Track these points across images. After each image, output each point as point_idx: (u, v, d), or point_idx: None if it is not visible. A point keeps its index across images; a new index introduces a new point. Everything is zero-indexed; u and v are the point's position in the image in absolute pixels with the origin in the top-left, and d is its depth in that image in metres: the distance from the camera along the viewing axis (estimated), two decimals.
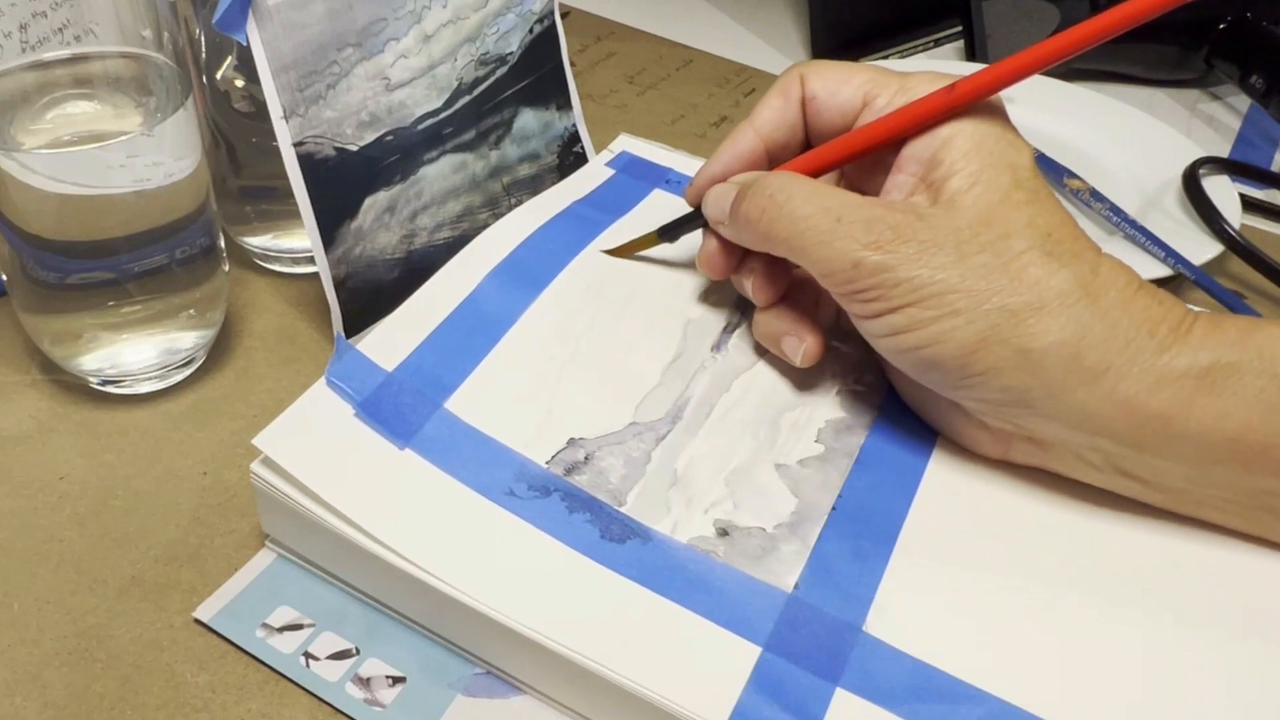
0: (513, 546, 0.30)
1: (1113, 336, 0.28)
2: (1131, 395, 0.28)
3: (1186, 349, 0.28)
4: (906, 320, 0.30)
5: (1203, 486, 0.30)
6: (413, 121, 0.40)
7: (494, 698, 0.30)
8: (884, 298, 0.30)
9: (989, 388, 0.30)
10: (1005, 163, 0.30)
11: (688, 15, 0.70)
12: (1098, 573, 0.31)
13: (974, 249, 0.29)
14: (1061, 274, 0.29)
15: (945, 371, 0.30)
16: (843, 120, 0.34)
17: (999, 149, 0.30)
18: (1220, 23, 0.59)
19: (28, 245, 0.35)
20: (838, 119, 0.34)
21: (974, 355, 0.29)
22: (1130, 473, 0.31)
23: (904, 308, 0.30)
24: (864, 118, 0.33)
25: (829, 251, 0.30)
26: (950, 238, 0.29)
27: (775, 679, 0.27)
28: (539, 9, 0.45)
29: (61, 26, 0.33)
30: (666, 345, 0.37)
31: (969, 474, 0.33)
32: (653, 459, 0.33)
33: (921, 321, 0.29)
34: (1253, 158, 0.58)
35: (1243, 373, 0.28)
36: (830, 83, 0.34)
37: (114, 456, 0.37)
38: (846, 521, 0.31)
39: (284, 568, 0.33)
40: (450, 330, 0.36)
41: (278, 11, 0.35)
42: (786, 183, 0.32)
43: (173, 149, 0.35)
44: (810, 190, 0.31)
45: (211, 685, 0.30)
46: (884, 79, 0.33)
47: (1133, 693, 0.28)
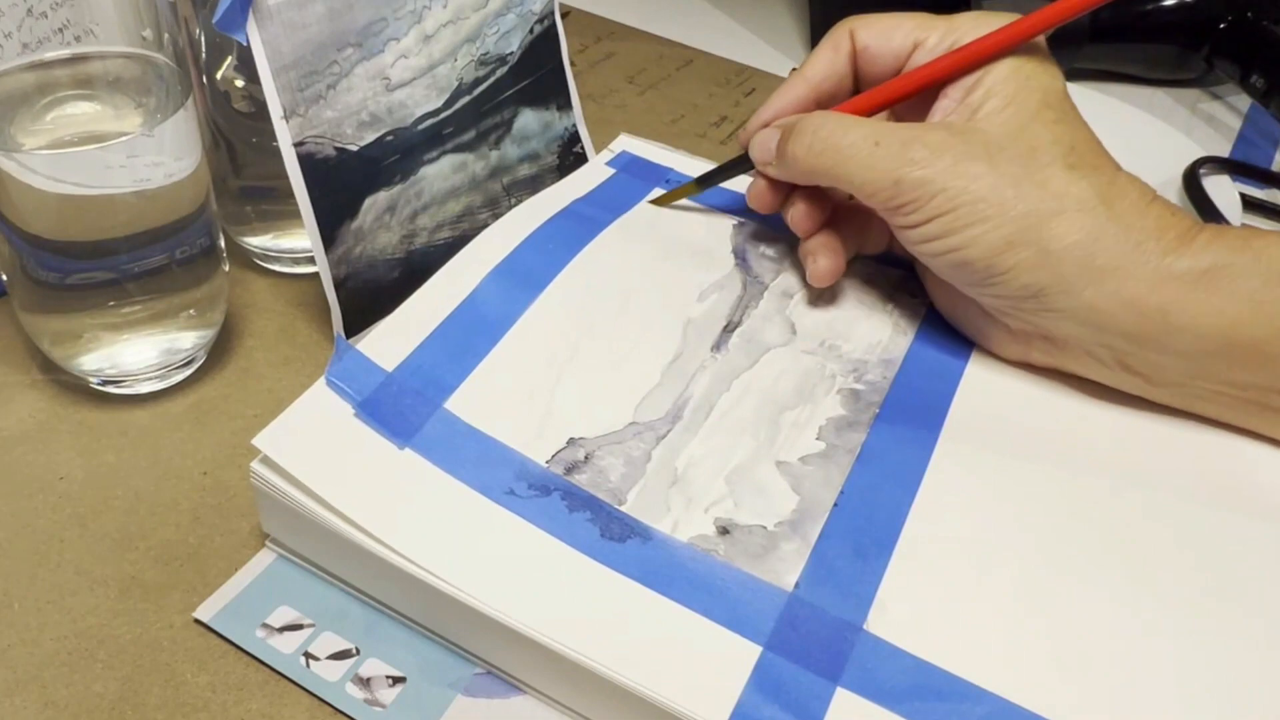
0: (513, 546, 0.30)
1: (1123, 240, 0.31)
2: (1136, 293, 0.31)
3: (1189, 252, 0.31)
4: (940, 228, 0.33)
5: (1198, 379, 0.33)
6: (413, 121, 0.40)
7: (494, 698, 0.30)
8: (923, 209, 0.33)
9: (1010, 285, 0.33)
10: (1038, 85, 0.33)
11: (688, 15, 0.70)
12: (1100, 572, 0.31)
13: (1003, 160, 0.32)
14: (1081, 183, 0.32)
15: (973, 270, 0.33)
16: (895, 64, 0.37)
17: (1034, 74, 0.33)
18: (1220, 23, 0.59)
19: (28, 245, 0.35)
20: (891, 63, 0.37)
21: (1000, 256, 0.32)
22: (1133, 368, 0.34)
23: (939, 216, 0.33)
24: (916, 58, 0.36)
25: (871, 174, 0.33)
26: (982, 150, 0.32)
27: (776, 678, 0.27)
28: (539, 9, 0.45)
29: (61, 26, 0.33)
30: (666, 345, 0.37)
31: (971, 471, 0.33)
32: (653, 458, 0.33)
33: (955, 228, 0.32)
34: (1253, 157, 0.58)
35: (1237, 273, 0.31)
36: (881, 32, 0.37)
37: (114, 456, 0.37)
38: (848, 519, 0.31)
39: (284, 568, 0.33)
40: (450, 330, 0.36)
41: (278, 11, 0.35)
42: (827, 119, 0.35)
43: (173, 149, 0.35)
44: (849, 121, 0.34)
45: (211, 685, 0.30)
46: (931, 22, 0.36)
47: (1134, 692, 0.28)
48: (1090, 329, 0.33)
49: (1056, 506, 0.32)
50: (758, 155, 0.38)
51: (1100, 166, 0.33)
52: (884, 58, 0.37)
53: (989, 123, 0.33)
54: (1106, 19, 0.61)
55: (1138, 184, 0.33)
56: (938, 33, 0.35)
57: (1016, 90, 0.33)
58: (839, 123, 0.35)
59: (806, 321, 0.38)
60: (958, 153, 0.32)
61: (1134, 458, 0.34)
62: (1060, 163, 0.32)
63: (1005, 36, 0.34)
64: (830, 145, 0.34)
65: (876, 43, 0.37)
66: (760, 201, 0.39)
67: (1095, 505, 0.32)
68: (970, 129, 0.33)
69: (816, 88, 0.38)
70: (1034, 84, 0.33)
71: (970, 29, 0.35)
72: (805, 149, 0.35)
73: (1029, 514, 0.32)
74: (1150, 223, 0.32)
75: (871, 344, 0.37)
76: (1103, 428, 0.35)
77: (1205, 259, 0.31)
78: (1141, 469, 0.34)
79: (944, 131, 0.33)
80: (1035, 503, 0.32)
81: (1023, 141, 0.32)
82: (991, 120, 0.33)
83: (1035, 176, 0.32)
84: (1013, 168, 0.32)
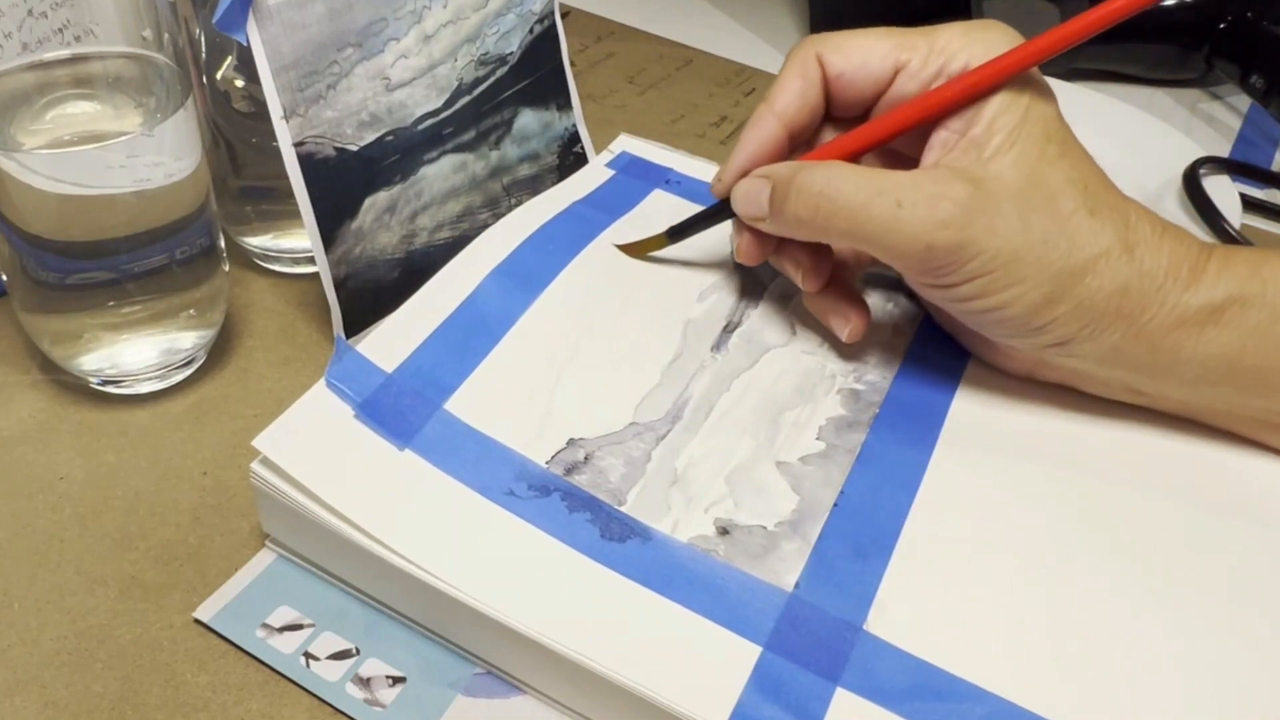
0: (513, 546, 0.30)
1: (1147, 284, 0.31)
2: (1154, 332, 0.31)
3: (1203, 286, 0.31)
4: (976, 289, 0.31)
5: (1203, 401, 0.34)
6: (413, 121, 0.40)
7: (494, 698, 0.30)
8: (958, 272, 0.31)
9: (1044, 338, 0.32)
10: (1038, 116, 0.31)
11: (688, 15, 0.70)
12: (1100, 572, 0.31)
13: (1031, 213, 0.31)
14: (1105, 232, 0.31)
15: (1009, 326, 0.32)
16: (874, 90, 0.34)
17: (1032, 102, 0.32)
18: (1220, 23, 0.59)
19: (28, 245, 0.35)
20: (869, 90, 0.34)
21: (1038, 313, 0.31)
22: (1141, 391, 0.34)
23: (976, 279, 0.31)
24: (900, 84, 0.33)
25: (897, 238, 0.31)
26: (1011, 205, 0.31)
27: (776, 678, 0.27)
28: (539, 9, 0.45)
29: (61, 26, 0.33)
30: (666, 345, 0.37)
31: (971, 471, 0.33)
32: (653, 458, 0.33)
33: (992, 289, 0.31)
34: (1253, 157, 0.58)
35: (1247, 304, 0.31)
36: (855, 56, 0.34)
37: (114, 456, 0.37)
38: (848, 519, 0.31)
39: (284, 568, 0.33)
40: (450, 331, 0.36)
41: (278, 11, 0.35)
42: (831, 176, 0.32)
43: (173, 149, 0.35)
44: (858, 178, 0.32)
45: (211, 685, 0.30)
46: (910, 41, 0.33)
47: (1134, 692, 0.28)
48: (1106, 365, 0.33)
49: (1056, 507, 0.32)
50: (746, 210, 0.35)
51: (1114, 204, 0.32)
52: (861, 84, 0.34)
53: (1001, 166, 0.31)
54: None
55: (1146, 216, 0.32)
56: (920, 54, 0.33)
57: (1019, 124, 0.31)
58: (849, 180, 0.32)
59: (807, 322, 0.38)
60: (989, 211, 0.30)
61: (1134, 458, 0.34)
62: (1082, 208, 0.31)
63: (1010, 63, 0.31)
64: (844, 207, 0.31)
65: (853, 69, 0.34)
66: (750, 258, 0.36)
67: (1095, 505, 0.32)
68: (989, 178, 0.31)
69: (789, 123, 0.35)
70: (1034, 114, 0.31)
71: (960, 47, 0.32)
72: (812, 210, 0.32)
73: (1029, 514, 0.32)
74: (1165, 259, 0.31)
75: (871, 344, 0.37)
76: (1103, 428, 0.35)
77: (1218, 292, 0.31)
78: (1142, 469, 0.34)
79: (967, 185, 0.31)
80: (1035, 503, 0.32)
81: (1042, 188, 0.31)
82: (1002, 162, 0.31)
83: (1065, 229, 0.31)
84: (1041, 221, 0.31)
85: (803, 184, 0.32)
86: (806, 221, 0.32)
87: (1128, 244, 0.31)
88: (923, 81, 0.33)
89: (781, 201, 0.33)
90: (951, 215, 0.30)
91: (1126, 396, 0.35)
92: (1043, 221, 0.30)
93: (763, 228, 0.34)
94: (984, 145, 0.31)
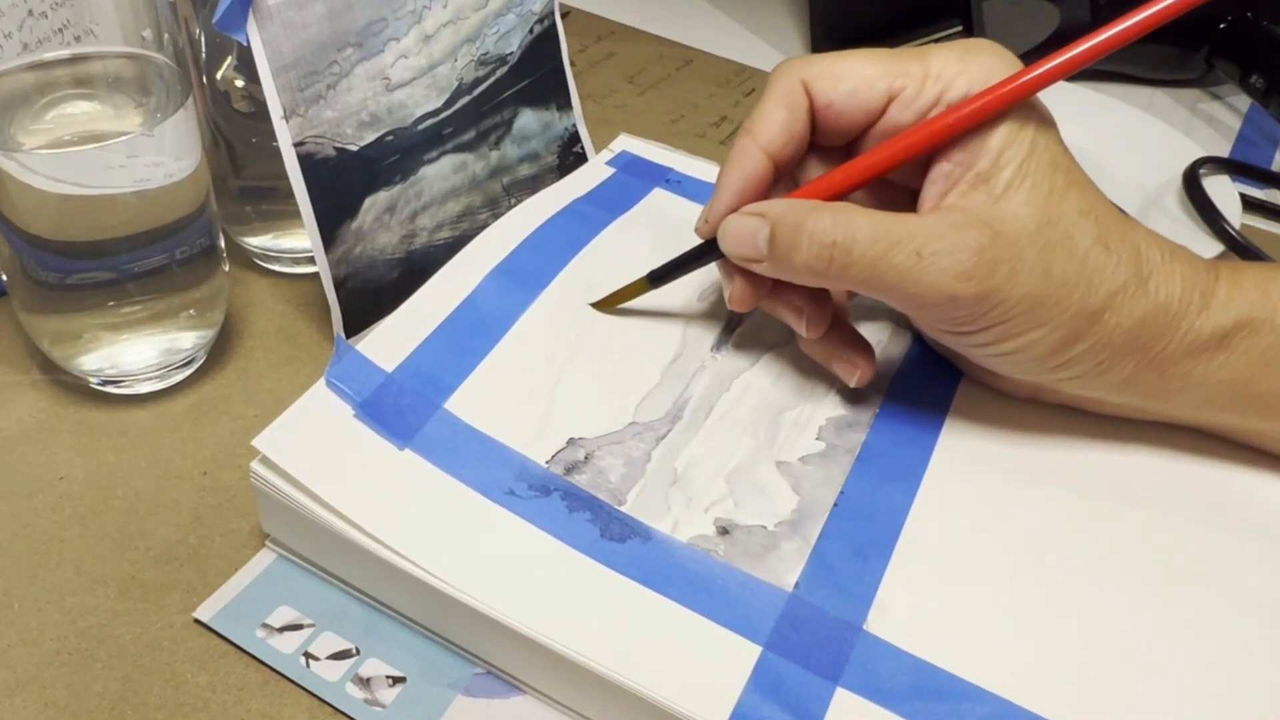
0: (513, 546, 0.30)
1: (1163, 315, 0.31)
2: (1166, 360, 0.31)
3: (1213, 311, 0.31)
4: (995, 335, 0.31)
5: (1210, 422, 0.34)
6: (413, 121, 0.40)
7: (494, 698, 0.30)
8: (977, 321, 0.30)
9: (1062, 375, 0.32)
10: (1044, 144, 0.30)
11: (688, 15, 0.70)
12: (1100, 571, 0.31)
13: (1050, 256, 0.29)
14: (1121, 267, 0.30)
15: (1024, 367, 0.32)
16: (866, 119, 0.32)
17: (1037, 130, 0.30)
18: (1220, 23, 0.59)
19: (28, 245, 0.35)
20: (860, 119, 0.32)
21: (1056, 354, 0.31)
22: (1146, 412, 0.34)
23: (997, 325, 0.30)
24: (893, 112, 0.32)
25: (918, 289, 0.30)
26: (1030, 249, 0.29)
27: (776, 678, 0.27)
28: (539, 9, 0.45)
29: (61, 26, 0.33)
30: (666, 345, 0.37)
31: (971, 471, 0.33)
32: (653, 458, 0.33)
33: (1011, 334, 0.30)
34: (1253, 157, 0.58)
35: (1256, 330, 0.31)
36: (845, 84, 0.32)
37: (114, 456, 0.37)
38: (848, 519, 0.31)
39: (284, 568, 0.33)
40: (450, 331, 0.36)
41: (278, 11, 0.35)
42: (844, 223, 0.30)
43: (173, 149, 0.35)
44: (873, 226, 0.30)
45: (211, 685, 0.30)
46: (902, 66, 0.31)
47: (1134, 691, 0.28)
48: (1115, 393, 0.33)
49: (1056, 506, 0.32)
50: (739, 250, 0.32)
51: (1124, 233, 0.31)
52: (852, 114, 0.32)
53: (1015, 204, 0.30)
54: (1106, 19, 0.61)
55: (1153, 240, 0.31)
56: (914, 80, 0.31)
57: (1027, 155, 0.30)
58: (863, 228, 0.30)
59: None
60: (1010, 259, 0.29)
61: (1135, 458, 0.34)
62: (1097, 244, 0.30)
63: (1015, 92, 0.29)
64: (860, 258, 0.30)
65: (843, 98, 0.32)
66: (745, 304, 0.34)
67: (1095, 504, 0.32)
68: (1006, 219, 0.29)
69: (775, 155, 0.33)
70: (1040, 144, 0.30)
71: (956, 73, 0.31)
72: (825, 261, 0.30)
73: (1029, 514, 0.32)
74: (1179, 286, 0.31)
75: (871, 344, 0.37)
76: (1104, 428, 0.35)
77: (1228, 317, 0.31)
78: (1142, 469, 0.34)
79: (987, 232, 0.29)
80: (1035, 502, 0.32)
81: (1058, 225, 0.30)
82: (1015, 200, 0.30)
83: (1083, 269, 0.30)
84: (1060, 263, 0.30)
85: (814, 232, 0.30)
86: (821, 273, 0.31)
87: (1142, 276, 0.30)
88: (919, 110, 0.31)
89: (788, 249, 0.31)
90: (974, 265, 0.29)
91: (1132, 415, 0.34)
92: (1062, 263, 0.30)
93: (760, 270, 0.32)
94: (993, 180, 0.30)
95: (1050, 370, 0.31)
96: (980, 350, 0.32)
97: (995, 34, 0.61)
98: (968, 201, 0.30)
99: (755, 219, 0.32)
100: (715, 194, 0.33)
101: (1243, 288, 0.31)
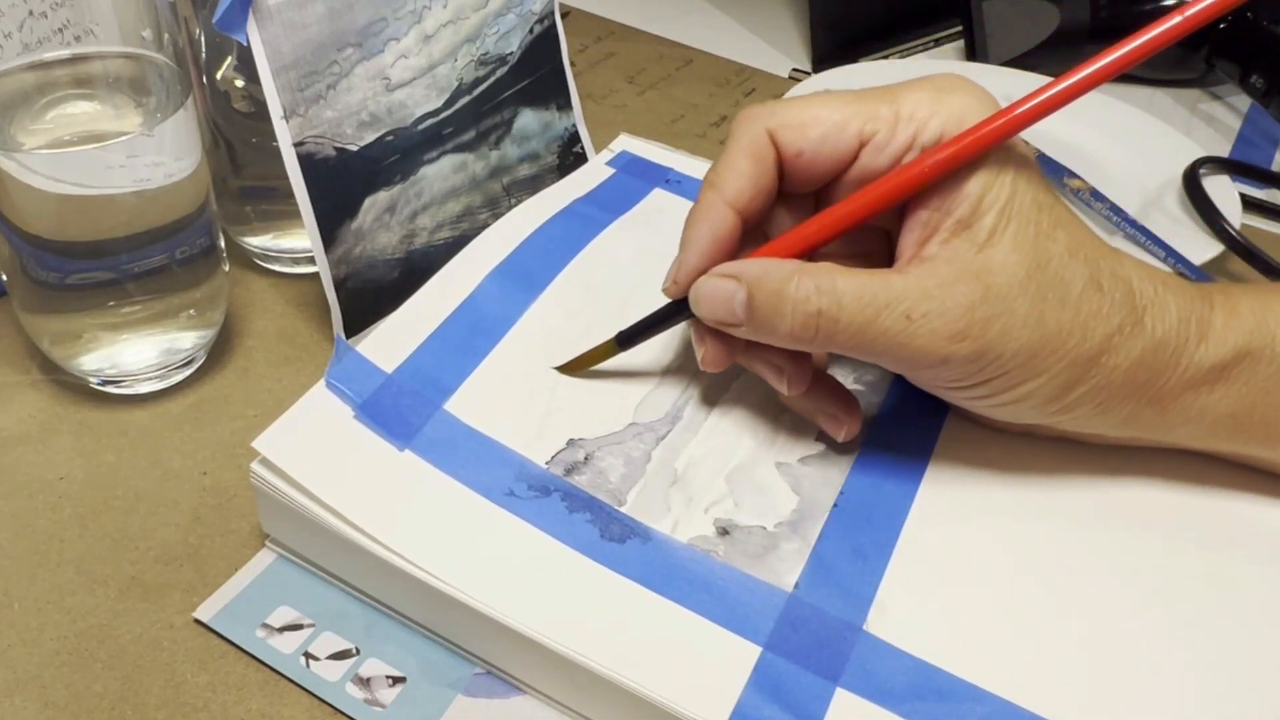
0: (513, 547, 0.30)
1: (1161, 352, 0.30)
2: (1165, 395, 0.31)
3: (1212, 344, 0.30)
4: (991, 389, 0.30)
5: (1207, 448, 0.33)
6: (413, 121, 0.40)
7: (494, 698, 0.30)
8: (973, 376, 0.29)
9: (1058, 419, 0.31)
10: (1025, 184, 0.29)
11: (688, 15, 0.70)
12: (1100, 571, 0.31)
13: (1043, 305, 0.28)
14: (1116, 307, 0.29)
15: (1025, 416, 0.31)
16: (837, 166, 0.31)
17: (1016, 171, 0.29)
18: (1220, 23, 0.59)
19: (28, 245, 0.35)
20: (830, 167, 0.31)
21: (1055, 401, 0.30)
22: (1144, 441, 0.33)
23: (993, 380, 0.29)
24: (865, 158, 0.30)
25: (909, 352, 0.29)
26: (1023, 299, 0.28)
27: (775, 679, 0.27)
28: (539, 9, 0.45)
29: (61, 26, 0.33)
30: (666, 346, 0.37)
31: (971, 472, 0.33)
32: (653, 459, 0.33)
33: (1007, 386, 0.30)
34: (1253, 157, 0.58)
35: (1256, 359, 0.30)
36: (813, 131, 0.30)
37: (114, 456, 0.37)
38: (848, 519, 0.31)
39: (284, 568, 0.33)
40: (450, 331, 0.36)
41: (278, 11, 0.35)
42: (828, 287, 0.29)
43: (173, 149, 0.35)
44: (858, 289, 0.29)
45: (211, 685, 0.30)
46: (873, 108, 0.30)
47: (1134, 692, 0.28)
48: (1113, 429, 0.32)
49: (1057, 506, 0.32)
50: (713, 314, 0.31)
51: (1115, 270, 0.30)
52: (823, 162, 0.31)
53: (1002, 253, 0.28)
54: (1106, 19, 0.61)
55: (1144, 272, 0.30)
56: (886, 124, 0.30)
57: (1009, 198, 0.28)
58: (849, 294, 0.29)
59: None
60: (1004, 314, 0.28)
61: (1135, 458, 0.34)
62: (1089, 285, 0.29)
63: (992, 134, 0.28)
64: (848, 325, 0.29)
65: (813, 147, 0.30)
66: (719, 365, 0.32)
67: (1096, 505, 0.32)
68: (994, 270, 0.28)
69: (743, 210, 0.31)
70: (1021, 184, 0.29)
71: (929, 114, 0.29)
72: (811, 330, 0.29)
73: (1029, 514, 0.32)
74: (1174, 319, 0.30)
75: None
76: None
77: (1226, 348, 0.30)
78: (1142, 469, 0.34)
79: (977, 287, 0.28)
80: (1035, 502, 0.32)
81: (1048, 269, 0.28)
82: (1002, 248, 0.28)
83: (1078, 315, 0.29)
84: (1054, 310, 0.28)
85: (797, 299, 0.29)
86: (804, 340, 0.29)
87: (1137, 313, 0.29)
88: (892, 155, 0.30)
89: (770, 316, 0.29)
90: (967, 325, 0.28)
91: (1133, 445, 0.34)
92: (1055, 311, 0.28)
93: (738, 334, 0.31)
94: (975, 227, 0.28)
95: (1049, 415, 0.31)
96: (976, 403, 0.31)
97: (995, 34, 0.61)
98: (950, 251, 0.29)
99: (730, 282, 0.30)
100: (682, 251, 0.32)
101: (1239, 316, 0.30)
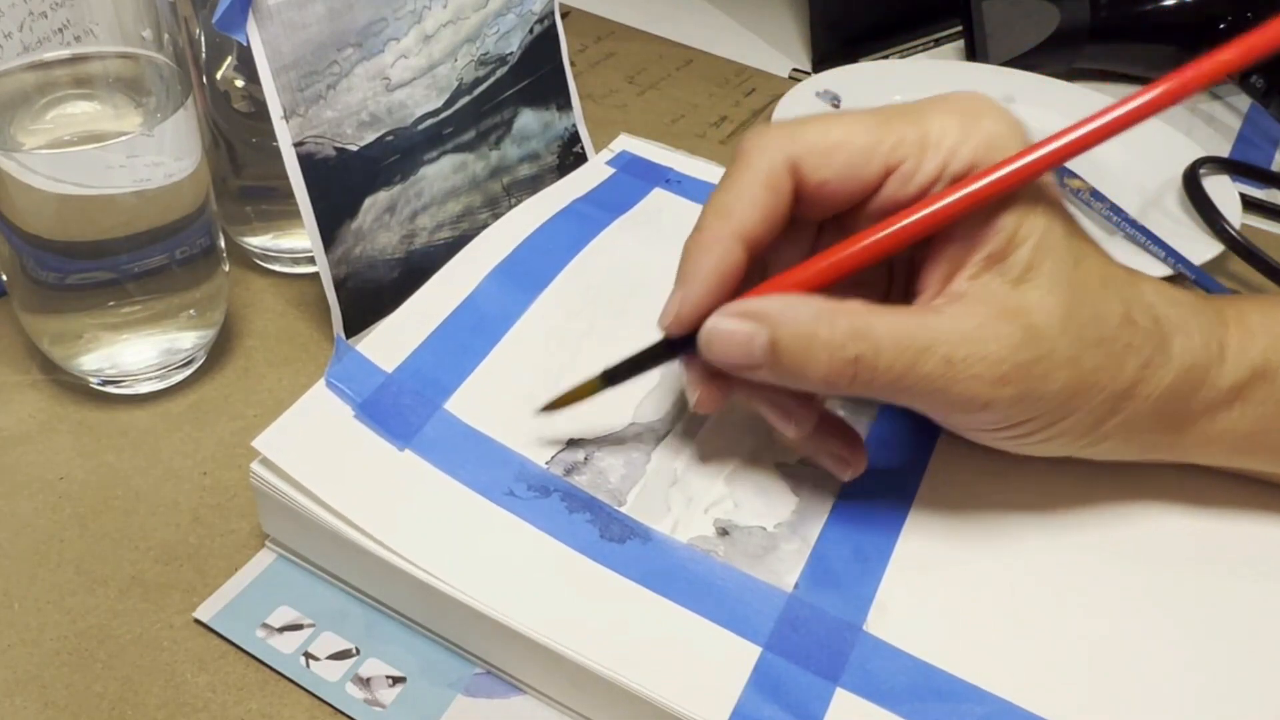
0: (512, 547, 0.30)
1: (1189, 376, 0.29)
2: (1184, 419, 0.30)
3: (1229, 365, 0.30)
4: (1026, 430, 0.29)
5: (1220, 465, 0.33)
6: (413, 121, 0.40)
7: (494, 698, 0.30)
8: (1009, 419, 0.28)
9: (1087, 452, 0.30)
10: (1055, 214, 0.28)
11: (688, 15, 0.70)
12: (1099, 571, 0.31)
13: (1080, 345, 0.28)
14: (1147, 340, 0.28)
15: (1051, 453, 0.30)
16: (859, 195, 0.29)
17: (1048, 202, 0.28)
18: (1220, 23, 0.59)
19: (28, 245, 0.35)
20: (853, 194, 0.29)
21: (1086, 436, 0.29)
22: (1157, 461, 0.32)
23: (1027, 421, 0.29)
24: (890, 188, 0.28)
25: (949, 397, 0.27)
26: (1063, 340, 0.27)
27: (775, 679, 0.27)
28: (539, 9, 0.45)
29: (61, 26, 0.33)
30: None
31: (971, 473, 0.33)
32: (652, 459, 0.33)
33: (1044, 426, 0.29)
34: (1253, 157, 0.58)
35: (1272, 378, 0.30)
36: (838, 158, 0.28)
37: (114, 456, 0.37)
38: (848, 520, 0.31)
39: (284, 568, 0.33)
40: (450, 331, 0.36)
41: (278, 11, 0.35)
42: (862, 332, 0.27)
43: (173, 149, 0.35)
44: (895, 331, 0.27)
45: (211, 685, 0.30)
46: (899, 133, 0.28)
47: (1134, 692, 0.28)
48: (1132, 454, 0.31)
49: (1057, 506, 0.32)
50: (729, 358, 0.28)
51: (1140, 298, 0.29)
52: (847, 192, 0.29)
53: (1040, 291, 0.27)
54: (1106, 19, 0.61)
55: (1167, 296, 0.30)
56: (913, 152, 0.28)
57: (1044, 232, 0.27)
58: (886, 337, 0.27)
59: None
60: (1045, 358, 0.27)
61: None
62: (1122, 318, 0.28)
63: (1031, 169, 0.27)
64: (886, 370, 0.27)
65: (838, 176, 0.28)
66: (714, 407, 0.31)
67: (1096, 505, 0.32)
68: (1033, 309, 0.27)
69: (756, 244, 0.29)
70: (1053, 216, 0.28)
71: (958, 141, 0.28)
72: (849, 378, 0.27)
73: (1029, 514, 0.32)
74: (1198, 344, 0.29)
75: None
76: None
77: (1243, 368, 0.30)
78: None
79: (1017, 330, 0.27)
80: (1035, 502, 0.32)
81: (1086, 306, 0.28)
82: (1039, 285, 0.27)
83: (1113, 352, 0.28)
84: (1091, 351, 0.28)
85: (832, 344, 0.27)
86: (837, 385, 0.27)
87: (1163, 340, 0.29)
88: (920, 185, 0.28)
89: (801, 362, 0.27)
90: (1009, 370, 0.27)
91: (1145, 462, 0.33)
92: (1093, 351, 0.28)
93: (754, 377, 0.28)
94: (1008, 261, 0.27)
95: (1077, 450, 0.30)
96: (1005, 444, 0.30)
97: (995, 34, 0.61)
98: (982, 288, 0.27)
99: (749, 324, 0.28)
100: (682, 286, 0.29)
101: (1252, 334, 0.30)
